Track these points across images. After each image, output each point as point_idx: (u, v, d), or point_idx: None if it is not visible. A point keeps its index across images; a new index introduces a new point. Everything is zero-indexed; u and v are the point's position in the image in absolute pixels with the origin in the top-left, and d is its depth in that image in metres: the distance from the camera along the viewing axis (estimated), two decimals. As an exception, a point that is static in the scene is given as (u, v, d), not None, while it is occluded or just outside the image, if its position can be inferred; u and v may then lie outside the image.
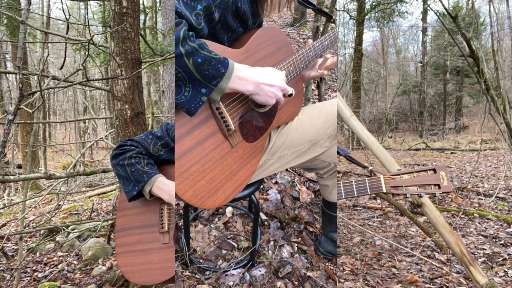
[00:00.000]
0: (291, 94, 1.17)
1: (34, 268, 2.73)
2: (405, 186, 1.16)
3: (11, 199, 5.42)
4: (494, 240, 2.73)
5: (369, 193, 1.17)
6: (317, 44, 1.40)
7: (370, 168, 1.27)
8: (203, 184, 1.09)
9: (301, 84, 1.43)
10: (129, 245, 1.31)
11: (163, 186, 1.24)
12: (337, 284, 1.94)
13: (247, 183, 1.23)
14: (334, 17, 1.58)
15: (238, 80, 1.05)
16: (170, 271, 1.20)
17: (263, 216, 2.09)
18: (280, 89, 1.14)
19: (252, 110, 1.23)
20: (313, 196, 2.35)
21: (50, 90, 3.56)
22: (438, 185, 1.14)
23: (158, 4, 8.63)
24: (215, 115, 1.10)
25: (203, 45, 0.96)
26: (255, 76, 1.09)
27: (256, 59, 1.21)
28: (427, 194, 1.15)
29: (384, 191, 1.16)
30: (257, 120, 1.26)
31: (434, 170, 1.16)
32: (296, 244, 1.94)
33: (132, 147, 1.33)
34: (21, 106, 1.63)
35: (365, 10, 10.55)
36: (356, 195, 1.18)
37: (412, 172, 1.17)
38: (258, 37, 1.23)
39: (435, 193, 1.14)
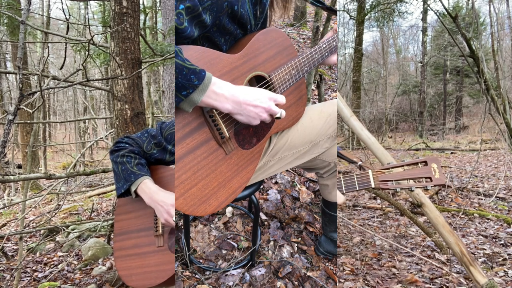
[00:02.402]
0: (278, 117, 1.12)
1: (34, 268, 2.73)
2: (395, 180, 1.11)
3: (11, 199, 5.42)
4: (494, 240, 2.73)
5: (357, 189, 1.13)
6: (324, 45, 1.35)
7: (359, 163, 1.24)
8: (194, 192, 1.08)
9: (304, 88, 1.40)
10: (126, 249, 1.32)
11: (146, 189, 1.24)
12: (337, 284, 1.94)
13: (241, 190, 1.21)
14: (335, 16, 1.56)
15: (215, 96, 1.00)
16: (166, 273, 1.21)
17: (263, 216, 2.09)
18: (264, 110, 1.09)
19: None
20: (313, 196, 2.35)
21: (50, 90, 3.56)
22: (430, 178, 1.09)
23: (158, 4, 8.64)
24: (208, 122, 1.08)
25: (177, 52, 0.94)
26: (236, 95, 1.04)
27: (254, 64, 1.18)
28: (418, 187, 1.10)
29: (373, 186, 1.12)
30: (254, 126, 1.23)
31: (426, 163, 1.11)
32: (296, 244, 1.94)
33: (127, 145, 1.34)
34: (21, 106, 1.63)
35: (365, 10, 10.55)
36: (344, 192, 1.13)
37: (402, 165, 1.12)
38: (258, 40, 1.19)
39: (427, 187, 1.09)
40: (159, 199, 1.21)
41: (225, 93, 1.01)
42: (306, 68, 1.31)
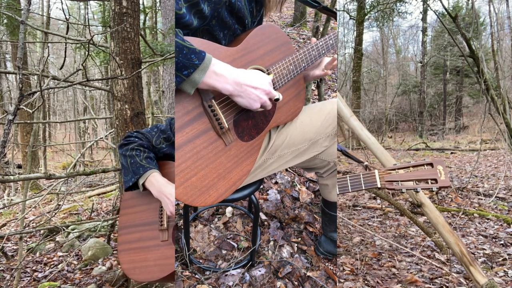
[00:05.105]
0: (277, 99, 1.14)
1: (34, 268, 2.73)
2: (401, 181, 1.12)
3: (11, 199, 5.42)
4: (494, 240, 2.73)
5: (363, 188, 1.14)
6: (321, 43, 1.35)
7: (366, 163, 1.25)
8: (194, 181, 1.08)
9: (302, 83, 1.40)
10: (130, 242, 1.33)
11: (154, 181, 1.26)
12: (337, 284, 1.94)
13: (241, 182, 1.22)
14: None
15: (216, 76, 1.00)
16: (169, 268, 1.21)
17: (263, 216, 2.09)
18: (264, 92, 1.10)
19: (248, 109, 1.20)
20: (313, 196, 2.35)
21: (50, 90, 3.56)
22: (435, 180, 1.10)
23: (158, 4, 8.63)
24: (207, 112, 1.09)
25: (177, 33, 0.96)
26: (237, 76, 1.05)
27: (252, 57, 1.19)
28: (423, 189, 1.11)
29: (379, 186, 1.12)
30: (253, 119, 1.24)
31: (432, 165, 1.11)
32: (296, 244, 1.94)
33: (136, 139, 1.36)
34: (21, 106, 1.63)
35: (365, 10, 10.54)
36: (350, 191, 1.14)
37: (408, 167, 1.13)
38: (256, 35, 1.21)
39: (432, 188, 1.10)
40: (166, 191, 1.22)
41: (225, 74, 1.02)
42: (304, 64, 1.32)
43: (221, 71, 1.01)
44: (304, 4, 1.40)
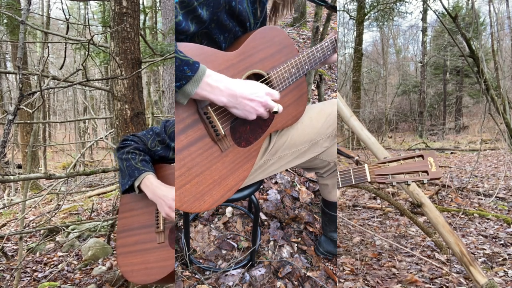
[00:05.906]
0: (276, 112, 1.12)
1: (34, 268, 2.73)
2: (392, 174, 1.11)
3: (11, 199, 5.42)
4: (494, 240, 2.73)
5: (353, 183, 1.13)
6: (326, 44, 1.32)
7: (356, 158, 1.24)
8: (188, 188, 1.08)
9: (305, 86, 1.37)
10: (128, 245, 1.34)
11: (149, 183, 1.26)
12: (337, 284, 1.94)
13: (238, 188, 1.21)
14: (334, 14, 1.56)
15: (209, 88, 1.00)
16: (167, 269, 1.22)
17: (263, 216, 2.09)
18: (261, 104, 1.09)
19: None
20: (313, 196, 2.35)
21: (50, 90, 3.56)
22: (426, 172, 1.09)
23: (158, 4, 8.64)
24: (203, 119, 1.08)
25: (175, 45, 0.96)
26: (232, 88, 1.03)
27: (251, 62, 1.17)
28: (414, 181, 1.10)
29: (369, 180, 1.12)
30: (251, 124, 1.22)
31: (422, 157, 1.11)
32: (296, 244, 1.94)
33: (132, 142, 1.37)
34: (21, 106, 1.63)
35: (365, 10, 10.54)
36: (341, 186, 1.14)
37: (399, 160, 1.12)
38: (256, 38, 1.18)
39: (423, 180, 1.09)
40: (161, 193, 1.22)
41: (220, 85, 1.01)
42: (307, 67, 1.30)
43: (215, 83, 1.00)
44: (312, 2, 1.39)
